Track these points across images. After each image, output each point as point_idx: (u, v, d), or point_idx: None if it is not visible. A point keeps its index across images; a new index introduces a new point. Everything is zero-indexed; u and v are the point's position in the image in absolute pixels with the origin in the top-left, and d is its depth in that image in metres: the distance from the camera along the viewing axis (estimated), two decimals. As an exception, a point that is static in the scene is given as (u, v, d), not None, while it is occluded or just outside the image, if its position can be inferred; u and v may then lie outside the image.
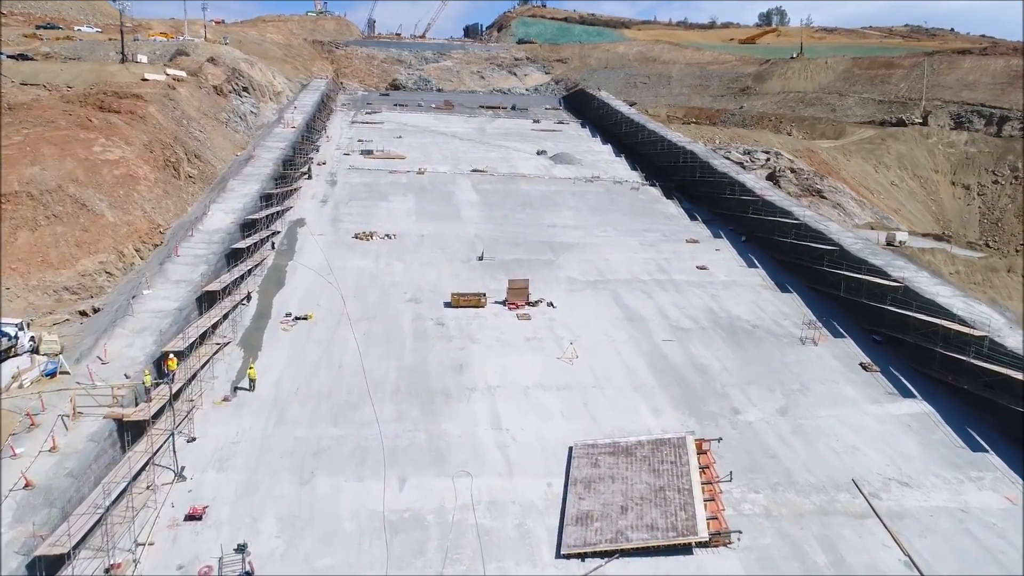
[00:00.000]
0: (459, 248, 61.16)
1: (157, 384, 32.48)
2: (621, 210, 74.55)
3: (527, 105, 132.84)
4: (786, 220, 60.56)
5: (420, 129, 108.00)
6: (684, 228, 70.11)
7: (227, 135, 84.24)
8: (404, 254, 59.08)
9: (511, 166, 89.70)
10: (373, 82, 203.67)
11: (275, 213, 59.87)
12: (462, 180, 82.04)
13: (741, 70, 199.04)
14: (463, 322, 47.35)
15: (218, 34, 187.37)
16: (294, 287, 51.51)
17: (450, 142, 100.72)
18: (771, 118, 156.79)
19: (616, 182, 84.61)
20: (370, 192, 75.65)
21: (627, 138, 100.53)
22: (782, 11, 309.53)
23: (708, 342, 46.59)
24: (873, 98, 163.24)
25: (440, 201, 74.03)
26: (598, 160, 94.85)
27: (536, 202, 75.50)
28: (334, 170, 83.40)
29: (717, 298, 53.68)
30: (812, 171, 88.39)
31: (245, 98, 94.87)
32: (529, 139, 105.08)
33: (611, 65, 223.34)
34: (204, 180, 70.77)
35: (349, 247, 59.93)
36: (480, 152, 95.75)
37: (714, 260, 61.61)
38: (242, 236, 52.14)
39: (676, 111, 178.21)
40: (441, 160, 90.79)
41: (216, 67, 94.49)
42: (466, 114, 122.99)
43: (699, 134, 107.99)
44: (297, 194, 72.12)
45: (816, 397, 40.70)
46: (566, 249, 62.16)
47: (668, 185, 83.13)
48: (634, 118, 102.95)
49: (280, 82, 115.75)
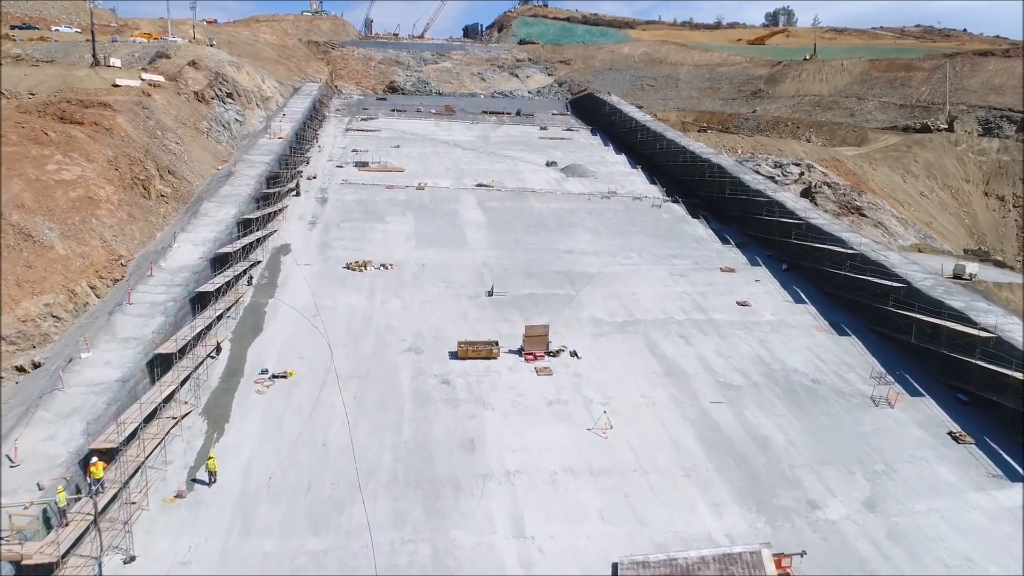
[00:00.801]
0: (465, 280, 53.63)
1: (81, 497, 24.95)
2: (644, 232, 67.03)
3: (533, 110, 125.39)
4: (838, 249, 53.04)
5: (419, 137, 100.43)
6: (716, 254, 62.59)
7: (208, 146, 76.62)
8: (402, 288, 51.54)
9: (519, 180, 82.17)
10: (370, 84, 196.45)
11: (254, 242, 52.31)
12: (466, 196, 74.49)
13: (752, 72, 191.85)
14: (472, 379, 39.82)
15: (210, 34, 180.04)
16: (274, 333, 43.91)
17: (452, 152, 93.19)
18: (787, 123, 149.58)
19: (635, 198, 77.11)
20: (364, 211, 68.06)
21: (643, 147, 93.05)
22: (789, 11, 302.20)
23: (765, 404, 39.10)
24: (894, 102, 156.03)
25: (442, 222, 66.49)
26: (613, 173, 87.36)
27: (549, 222, 67.98)
28: (325, 185, 75.79)
29: (766, 344, 46.18)
30: (848, 186, 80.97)
31: (229, 105, 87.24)
32: (537, 148, 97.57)
33: (616, 66, 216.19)
34: (178, 199, 63.18)
35: (340, 280, 52.35)
36: (485, 163, 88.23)
37: (755, 294, 54.13)
38: (213, 273, 44.58)
39: (686, 115, 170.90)
40: (443, 173, 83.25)
41: (198, 71, 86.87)
42: (468, 120, 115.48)
43: (719, 143, 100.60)
44: (283, 214, 64.55)
45: (906, 482, 33.22)
46: (586, 281, 54.65)
47: (692, 202, 75.68)
48: (651, 126, 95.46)
49: (270, 86, 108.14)
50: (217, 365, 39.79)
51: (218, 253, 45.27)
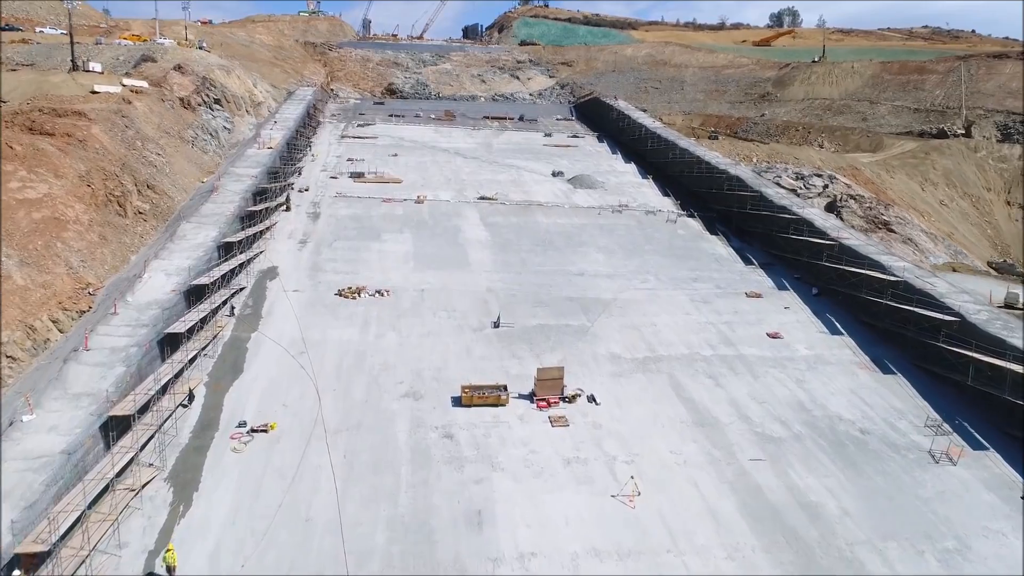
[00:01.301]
0: (468, 308, 48.89)
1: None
2: (660, 250, 62.34)
3: (536, 115, 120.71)
4: (878, 275, 48.34)
5: (418, 145, 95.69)
6: (739, 276, 57.89)
7: (193, 157, 71.87)
8: (400, 319, 46.80)
9: (524, 192, 77.45)
10: (368, 86, 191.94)
11: (236, 268, 47.54)
12: (468, 211, 69.77)
13: (759, 74, 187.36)
14: (479, 432, 35.10)
15: (204, 35, 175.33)
16: (255, 375, 39.16)
17: (453, 161, 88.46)
18: (798, 128, 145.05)
19: (648, 212, 72.39)
20: (359, 228, 63.30)
21: (654, 156, 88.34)
22: (794, 12, 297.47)
23: (810, 461, 34.41)
24: (907, 106, 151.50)
25: (443, 240, 61.75)
26: (623, 184, 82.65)
27: (558, 240, 63.26)
28: (318, 198, 71.03)
29: (804, 385, 41.49)
30: (874, 198, 76.37)
31: (217, 112, 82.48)
32: (542, 157, 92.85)
33: (619, 68, 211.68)
34: (158, 215, 58.45)
35: (330, 309, 47.60)
36: (487, 174, 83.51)
37: (786, 323, 49.42)
38: (187, 308, 39.86)
39: (692, 119, 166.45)
40: (443, 184, 78.52)
41: (184, 76, 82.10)
42: (469, 126, 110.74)
43: (733, 150, 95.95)
44: (271, 232, 59.81)
45: (985, 563, 28.55)
46: (601, 308, 49.95)
47: (709, 216, 71.01)
48: (661, 134, 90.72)
49: (262, 91, 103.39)
50: (189, 415, 35.05)
51: (193, 285, 40.48)
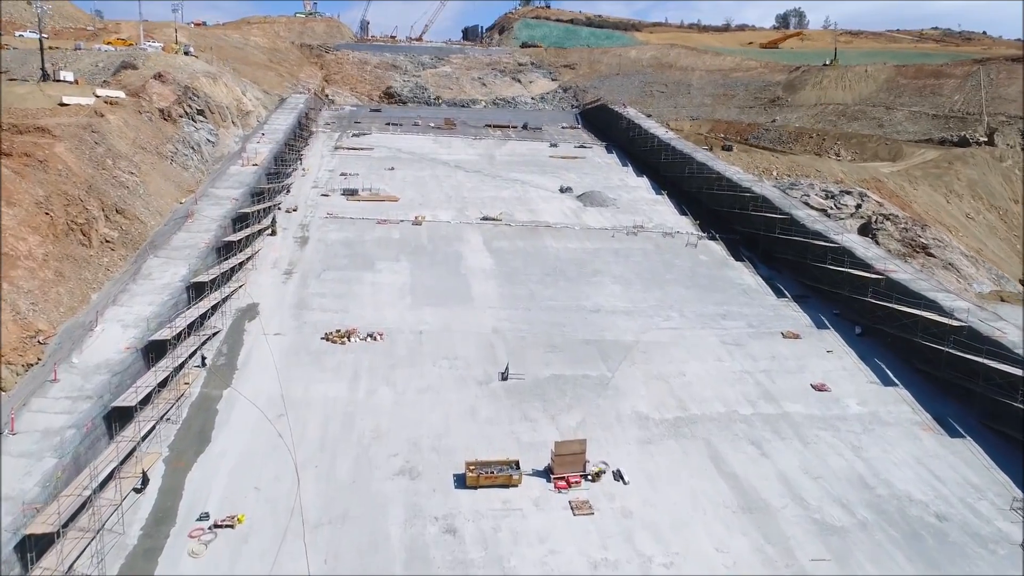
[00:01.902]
0: (472, 355, 43.20)
1: None
2: (682, 280, 56.66)
3: (540, 123, 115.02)
4: (937, 318, 42.64)
5: (416, 157, 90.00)
6: (772, 311, 52.21)
7: (171, 174, 66.17)
8: (394, 370, 41.09)
9: (530, 210, 71.74)
10: (365, 89, 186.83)
11: (208, 311, 41.81)
12: (471, 233, 64.07)
13: (768, 78, 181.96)
14: (487, 525, 29.39)
15: (197, 37, 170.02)
16: (224, 447, 33.44)
17: (453, 175, 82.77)
18: (811, 135, 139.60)
19: (666, 234, 66.68)
20: (351, 255, 57.59)
21: (669, 170, 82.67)
22: (800, 12, 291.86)
23: (883, 559, 28.73)
24: (925, 112, 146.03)
25: (443, 269, 56.05)
26: (636, 201, 76.94)
27: (569, 268, 57.57)
28: (307, 219, 65.31)
29: (862, 453, 35.82)
30: (909, 218, 70.71)
31: (201, 123, 76.78)
32: (548, 170, 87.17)
33: (624, 71, 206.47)
34: (128, 244, 52.78)
35: (316, 358, 41.89)
36: (490, 190, 77.83)
37: (831, 372, 43.75)
38: (146, 365, 34.17)
39: (700, 125, 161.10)
40: (443, 202, 72.82)
41: (164, 85, 76.38)
42: (470, 135, 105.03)
43: (751, 163, 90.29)
44: (254, 260, 54.11)
45: None
46: (622, 353, 44.28)
47: (732, 238, 65.36)
48: (676, 146, 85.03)
49: (252, 99, 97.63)
50: (141, 505, 29.33)
51: (152, 341, 34.75)
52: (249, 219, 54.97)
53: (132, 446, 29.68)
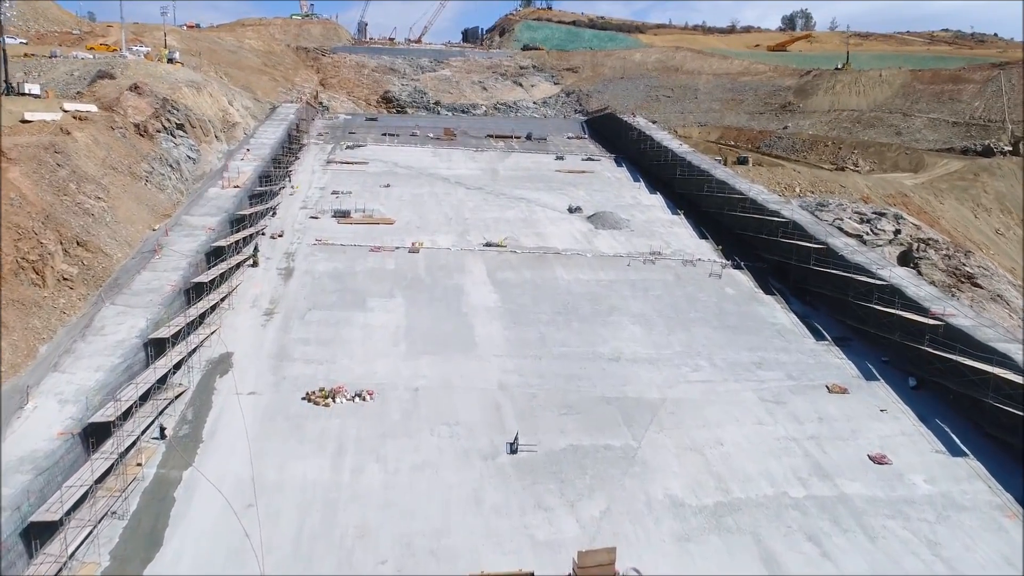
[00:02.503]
0: (476, 418, 37.49)
1: None
2: (708, 318, 50.91)
3: (545, 133, 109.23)
4: (1012, 377, 36.92)
5: (414, 172, 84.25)
6: (812, 357, 46.46)
7: (145, 196, 60.45)
8: (385, 440, 35.37)
9: (537, 233, 66.00)
10: (363, 94, 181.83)
11: (170, 371, 36.10)
12: (473, 263, 58.35)
13: (778, 82, 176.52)
14: (496, 666, 23.79)
15: (190, 40, 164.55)
16: (178, 552, 27.65)
17: (454, 193, 77.03)
18: (826, 143, 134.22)
19: (686, 262, 60.95)
20: (341, 291, 51.85)
21: (685, 187, 76.89)
22: (807, 14, 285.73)
23: None
24: (945, 119, 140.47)
25: (443, 306, 50.32)
26: (651, 222, 71.15)
27: (582, 305, 51.84)
28: (293, 246, 59.56)
29: (940, 551, 30.10)
30: (951, 244, 65.03)
31: (180, 138, 71.00)
32: (555, 186, 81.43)
33: (628, 75, 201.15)
34: (90, 281, 47.08)
35: (295, 425, 36.16)
36: (494, 209, 72.07)
37: (889, 438, 38.05)
38: (86, 450, 28.46)
39: (709, 131, 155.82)
40: (442, 224, 67.09)
41: (140, 98, 70.62)
42: (471, 146, 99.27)
43: (771, 178, 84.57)
44: (230, 299, 48.39)
45: None
46: (648, 415, 38.59)
47: (760, 266, 59.69)
48: (692, 160, 79.24)
49: (239, 109, 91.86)
50: (68, 641, 23.69)
51: (94, 423, 29.00)
52: (226, 252, 49.12)
53: (59, 567, 24.00)
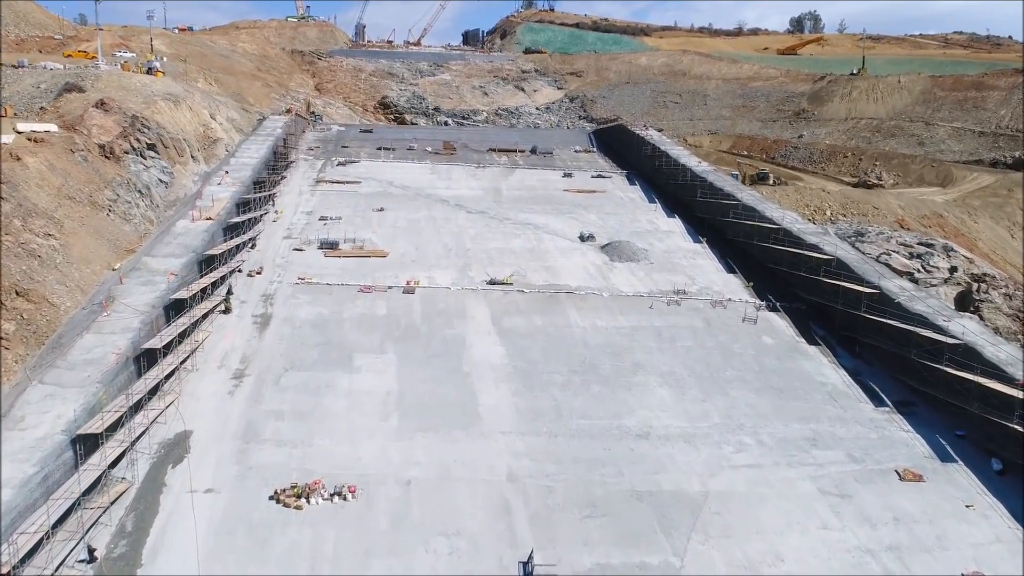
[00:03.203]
0: (482, 526, 30.67)
1: None
2: (747, 377, 44.09)
3: (550, 146, 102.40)
4: None
5: (411, 192, 77.48)
6: (874, 429, 39.64)
7: (107, 229, 53.69)
8: (369, 558, 28.54)
9: (547, 267, 59.26)
10: (360, 99, 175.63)
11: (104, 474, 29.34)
12: (475, 305, 51.60)
13: (791, 88, 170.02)
14: None
15: (176, 45, 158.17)
16: None
17: (454, 217, 70.27)
18: (846, 154, 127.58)
19: (715, 302, 54.14)
20: (324, 345, 45.01)
21: (706, 210, 70.04)
22: (816, 16, 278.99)
23: None
24: (969, 128, 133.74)
25: (441, 365, 43.51)
26: (673, 252, 64.37)
27: (602, 360, 45.03)
28: (273, 286, 52.80)
29: None
30: (1009, 279, 58.34)
31: (152, 160, 64.26)
32: (564, 209, 74.66)
33: (634, 80, 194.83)
34: (31, 339, 40.33)
35: (258, 537, 29.33)
36: (498, 238, 65.29)
37: (982, 545, 31.28)
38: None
39: (720, 140, 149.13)
40: (441, 256, 60.33)
41: (107, 115, 63.84)
42: (472, 161, 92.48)
43: (800, 200, 77.73)
44: (194, 359, 41.61)
45: None
46: (688, 513, 31.83)
47: (798, 308, 52.97)
48: (713, 181, 72.38)
49: (223, 122, 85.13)
50: None
51: (-20, 575, 22.27)
52: (188, 305, 42.24)
53: None
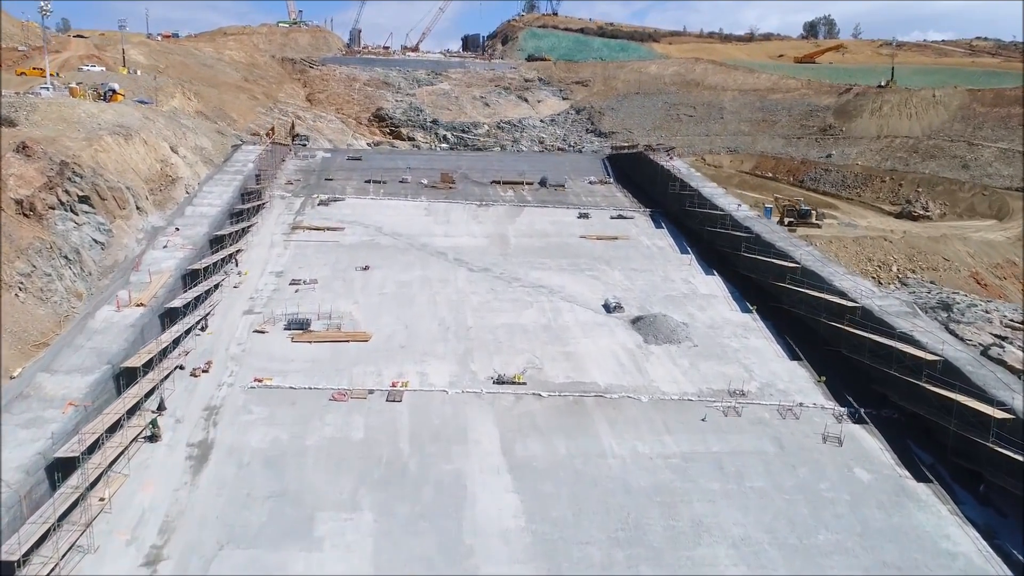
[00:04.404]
0: None
1: None
2: (849, 548, 32.17)
3: (561, 175, 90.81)
4: None
5: (402, 242, 65.89)
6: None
7: (12, 316, 42.15)
8: None
9: (567, 354, 47.59)
10: (353, 111, 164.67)
11: None
12: (480, 421, 39.98)
13: (814, 101, 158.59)
14: None
15: (155, 55, 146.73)
16: None
17: (452, 278, 58.63)
18: (883, 179, 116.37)
19: (784, 409, 42.48)
20: (277, 499, 33.28)
21: (753, 269, 58.38)
22: (831, 21, 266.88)
23: None
24: (1018, 150, 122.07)
25: (434, 538, 31.69)
26: (718, 327, 52.62)
27: (652, 521, 33.27)
28: (221, 394, 41.14)
29: None
30: None
31: (85, 216, 52.70)
32: (582, 263, 63.05)
33: (644, 90, 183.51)
34: None
35: None
36: (506, 308, 53.66)
37: None
38: None
39: (742, 160, 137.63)
40: (437, 338, 48.73)
41: (28, 162, 52.23)
42: (474, 197, 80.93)
43: (860, 253, 66.07)
44: (90, 534, 30.05)
45: None
46: None
47: (889, 417, 41.49)
48: (761, 232, 60.68)
49: (187, 155, 73.46)
50: None
51: None
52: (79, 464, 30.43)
53: None
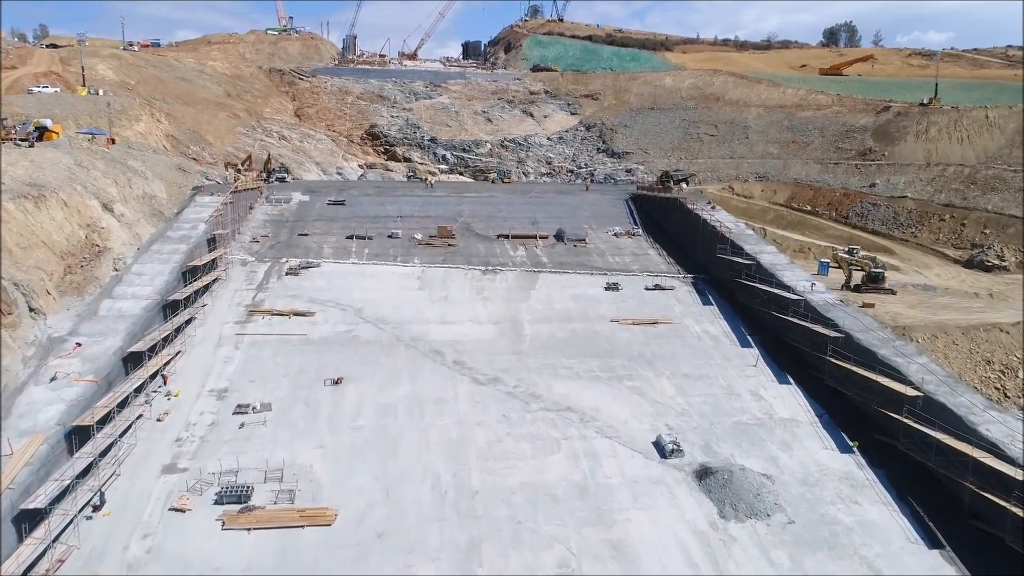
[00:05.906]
0: None
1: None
2: None
3: (581, 224, 76.68)
4: None
5: (388, 334, 51.65)
6: None
7: None
8: None
9: (614, 544, 33.31)
10: (345, 128, 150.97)
11: None
12: None
13: (849, 120, 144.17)
14: None
15: (127, 69, 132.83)
16: None
17: (451, 399, 44.30)
18: (941, 215, 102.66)
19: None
20: None
21: (845, 385, 44.35)
22: (852, 27, 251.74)
23: None
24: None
25: None
26: (814, 480, 38.39)
27: None
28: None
29: None
30: None
31: (-51, 330, 38.56)
32: (617, 366, 48.72)
33: (659, 104, 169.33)
34: None
35: None
36: (525, 453, 39.32)
37: None
38: None
39: (775, 189, 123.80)
40: (429, 519, 34.39)
41: None
42: (478, 259, 66.84)
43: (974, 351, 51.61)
44: None
45: None
46: None
47: None
48: (853, 330, 46.48)
49: (124, 213, 59.30)
50: None
51: None
52: None
53: None
